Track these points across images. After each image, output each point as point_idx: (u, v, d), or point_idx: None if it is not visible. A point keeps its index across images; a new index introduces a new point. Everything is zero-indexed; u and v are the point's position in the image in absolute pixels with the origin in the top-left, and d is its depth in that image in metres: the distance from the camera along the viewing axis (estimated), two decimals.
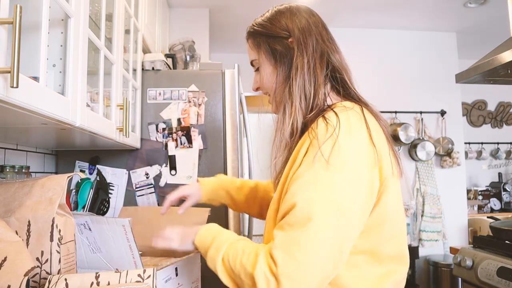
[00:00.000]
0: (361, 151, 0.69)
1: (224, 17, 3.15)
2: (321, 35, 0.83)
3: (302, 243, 0.64)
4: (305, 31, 0.82)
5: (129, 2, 1.55)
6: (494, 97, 4.32)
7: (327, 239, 0.65)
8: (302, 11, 0.86)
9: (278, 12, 0.86)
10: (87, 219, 0.85)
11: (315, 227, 0.64)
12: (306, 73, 0.78)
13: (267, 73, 0.85)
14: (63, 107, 0.80)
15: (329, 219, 0.65)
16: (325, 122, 0.70)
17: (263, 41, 0.85)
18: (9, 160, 1.25)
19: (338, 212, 0.66)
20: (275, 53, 0.83)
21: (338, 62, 0.83)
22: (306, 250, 0.64)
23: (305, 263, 0.63)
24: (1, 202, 0.77)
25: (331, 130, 0.68)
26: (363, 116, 0.73)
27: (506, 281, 1.51)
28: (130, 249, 0.83)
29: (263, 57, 0.85)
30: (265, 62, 0.85)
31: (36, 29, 0.73)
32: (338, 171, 0.67)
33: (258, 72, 0.88)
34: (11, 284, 0.62)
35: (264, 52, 0.84)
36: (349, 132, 0.69)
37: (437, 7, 3.03)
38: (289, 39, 0.82)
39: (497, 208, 3.93)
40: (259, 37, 0.86)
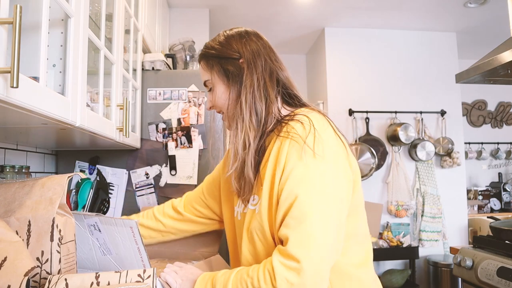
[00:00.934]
0: (336, 144, 0.79)
1: (224, 17, 3.15)
2: (269, 56, 0.90)
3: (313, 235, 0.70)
4: (254, 52, 0.88)
5: (129, 2, 1.55)
6: (494, 97, 4.32)
7: (331, 227, 0.72)
8: (252, 34, 0.92)
9: (229, 36, 0.91)
10: (96, 219, 0.83)
11: (320, 217, 0.71)
12: (256, 91, 0.85)
13: (220, 92, 0.89)
14: (63, 107, 0.80)
15: (328, 207, 0.73)
16: (300, 122, 0.78)
17: (215, 63, 0.89)
18: (9, 160, 1.25)
19: (335, 199, 0.74)
20: (227, 73, 0.88)
21: (286, 79, 0.91)
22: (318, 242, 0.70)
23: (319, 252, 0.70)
24: (1, 202, 0.77)
25: (308, 127, 0.76)
26: (324, 117, 0.83)
27: (506, 281, 1.51)
28: (139, 251, 0.81)
29: (216, 77, 0.89)
30: (218, 82, 0.89)
31: (36, 29, 0.73)
32: (325, 160, 0.75)
33: (211, 92, 0.93)
34: (11, 284, 0.62)
35: (216, 73, 0.89)
36: (323, 128, 0.79)
37: (437, 7, 3.03)
38: (240, 60, 0.88)
39: (497, 208, 3.93)
40: (211, 59, 0.90)
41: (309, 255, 0.69)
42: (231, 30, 0.93)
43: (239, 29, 0.93)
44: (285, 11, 3.05)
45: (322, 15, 3.13)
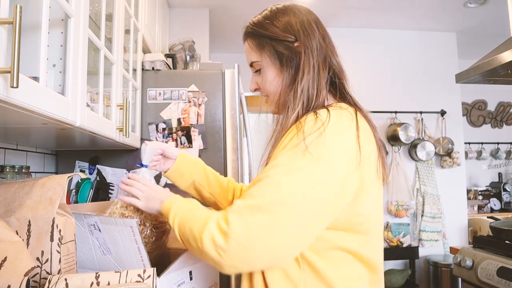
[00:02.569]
0: (344, 149, 0.70)
1: (224, 17, 3.15)
2: (323, 38, 0.83)
3: (257, 211, 0.65)
4: (310, 34, 0.81)
5: (129, 2, 1.55)
6: (494, 97, 4.32)
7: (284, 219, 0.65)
8: (304, 11, 0.85)
9: (280, 13, 0.84)
10: (96, 219, 0.83)
11: (275, 202, 0.65)
12: (311, 77, 0.79)
13: (271, 76, 0.83)
14: (63, 107, 0.80)
15: (291, 198, 0.65)
16: (315, 116, 0.72)
17: (266, 44, 0.83)
18: (9, 160, 1.25)
19: (302, 196, 0.66)
20: (280, 56, 0.81)
21: (338, 66, 0.84)
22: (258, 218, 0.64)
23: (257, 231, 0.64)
24: (1, 202, 0.77)
25: (319, 124, 0.70)
26: (355, 118, 0.75)
27: (506, 281, 1.51)
28: (139, 251, 0.81)
29: (267, 60, 0.83)
30: (269, 65, 0.83)
31: (36, 29, 0.73)
32: (315, 161, 0.67)
33: (258, 73, 0.87)
34: (11, 284, 0.62)
35: (268, 55, 0.83)
36: (337, 128, 0.71)
37: (437, 7, 3.03)
38: (294, 43, 0.81)
39: (497, 208, 3.93)
40: (261, 39, 0.83)
41: (246, 225, 0.64)
42: (280, 5, 0.86)
43: (290, 5, 0.85)
44: None
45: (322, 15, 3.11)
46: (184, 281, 0.87)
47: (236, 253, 0.64)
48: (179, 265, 0.85)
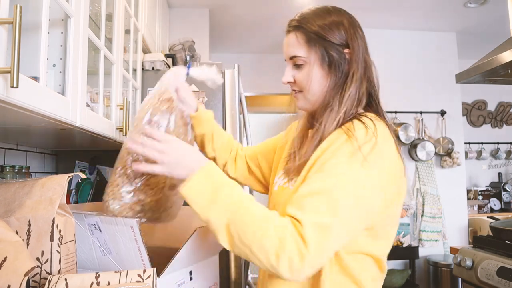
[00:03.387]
0: (394, 158, 0.77)
1: (224, 17, 3.15)
2: (366, 49, 0.88)
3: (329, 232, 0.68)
4: (359, 44, 0.85)
5: (129, 2, 1.55)
6: (494, 97, 4.32)
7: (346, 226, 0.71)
8: (353, 18, 0.89)
9: (335, 15, 0.86)
10: (97, 219, 0.83)
11: (341, 213, 0.69)
12: (357, 85, 0.82)
13: (317, 76, 0.84)
14: (63, 107, 0.80)
15: (351, 208, 0.70)
16: (364, 126, 0.75)
17: (319, 44, 0.83)
18: (9, 160, 1.25)
19: (359, 204, 0.71)
20: (331, 59, 0.83)
21: (375, 76, 0.88)
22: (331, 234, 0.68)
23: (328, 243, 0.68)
24: (1, 202, 0.77)
25: (371, 134, 0.74)
26: (389, 130, 0.80)
27: (506, 281, 1.51)
28: (139, 251, 0.81)
29: (315, 59, 0.84)
30: (316, 65, 0.84)
31: (36, 29, 0.73)
32: (375, 171, 0.73)
33: (297, 68, 0.86)
34: (11, 284, 0.62)
35: (317, 55, 0.83)
36: (385, 138, 0.76)
37: (437, 7, 3.03)
38: (345, 50, 0.84)
39: (497, 208, 3.93)
40: (313, 38, 0.84)
41: (321, 248, 0.67)
42: (333, 7, 0.88)
43: (342, 10, 0.89)
44: (285, 11, 3.04)
45: None
46: (184, 281, 0.87)
47: (306, 272, 0.68)
48: (179, 265, 0.85)
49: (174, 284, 0.83)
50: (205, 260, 0.95)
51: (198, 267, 0.92)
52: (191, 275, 0.89)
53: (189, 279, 0.89)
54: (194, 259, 0.90)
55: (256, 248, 0.66)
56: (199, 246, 0.88)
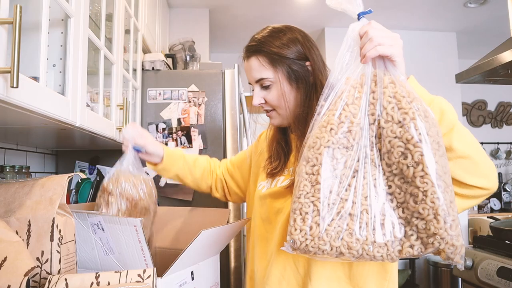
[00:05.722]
0: None
1: (224, 17, 3.15)
2: (320, 54, 0.91)
3: None
4: (316, 54, 0.89)
5: (129, 2, 1.55)
6: (494, 97, 4.32)
7: None
8: (303, 32, 0.92)
9: (288, 33, 0.90)
10: (100, 218, 0.82)
11: None
12: (319, 92, 0.85)
13: (286, 93, 0.88)
14: (63, 107, 0.80)
15: None
16: None
17: (282, 63, 0.87)
18: (9, 160, 1.25)
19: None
20: (296, 75, 0.87)
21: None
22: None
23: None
24: (1, 202, 0.77)
25: None
26: None
27: (506, 281, 1.51)
28: (142, 251, 0.81)
29: (282, 78, 0.88)
30: (284, 82, 0.88)
31: (36, 29, 0.73)
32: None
33: (266, 89, 0.90)
34: (11, 284, 0.62)
35: (283, 74, 0.87)
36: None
37: (437, 7, 3.03)
38: (306, 63, 0.88)
39: (497, 208, 3.93)
40: (276, 58, 0.87)
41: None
42: (281, 26, 0.92)
43: (292, 26, 0.92)
44: (285, 11, 3.05)
45: (322, 15, 3.13)
46: (185, 281, 0.87)
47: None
48: (181, 265, 0.85)
49: (176, 285, 0.82)
50: (206, 260, 0.95)
51: (200, 267, 0.92)
52: (193, 275, 0.89)
53: (191, 279, 0.89)
54: (196, 259, 0.90)
55: (487, 164, 0.71)
56: (202, 247, 0.88)
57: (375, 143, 0.64)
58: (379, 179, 0.63)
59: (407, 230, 0.61)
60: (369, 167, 0.63)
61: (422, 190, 0.59)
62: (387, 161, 0.63)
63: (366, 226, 0.61)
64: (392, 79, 0.66)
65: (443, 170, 0.61)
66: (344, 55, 0.72)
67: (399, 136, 0.61)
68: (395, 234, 0.61)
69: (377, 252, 0.60)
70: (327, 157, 0.63)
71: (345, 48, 0.72)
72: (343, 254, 0.61)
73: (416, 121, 0.60)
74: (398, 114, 0.62)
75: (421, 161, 0.59)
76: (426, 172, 0.59)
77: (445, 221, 0.58)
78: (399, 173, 0.62)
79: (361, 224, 0.61)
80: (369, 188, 0.62)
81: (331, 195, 0.62)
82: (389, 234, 0.61)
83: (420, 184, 0.59)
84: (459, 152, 0.69)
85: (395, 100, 0.63)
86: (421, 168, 0.59)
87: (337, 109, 0.65)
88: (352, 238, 0.61)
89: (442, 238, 0.58)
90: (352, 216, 0.61)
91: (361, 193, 0.62)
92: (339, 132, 0.64)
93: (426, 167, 0.59)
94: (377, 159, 0.63)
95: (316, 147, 0.65)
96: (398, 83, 0.65)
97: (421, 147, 0.59)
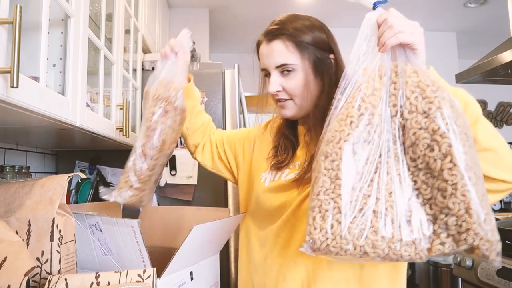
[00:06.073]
0: None
1: (224, 17, 3.15)
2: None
3: None
4: (337, 46, 0.88)
5: (129, 2, 1.55)
6: (494, 97, 4.32)
7: None
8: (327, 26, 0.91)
9: (315, 21, 0.89)
10: (98, 219, 0.83)
11: None
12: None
13: (310, 82, 0.84)
14: (63, 107, 0.80)
15: None
16: None
17: (310, 51, 0.84)
18: (9, 160, 1.25)
19: None
20: (322, 65, 0.84)
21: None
22: None
23: None
24: (1, 202, 0.77)
25: None
26: None
27: (506, 281, 1.51)
28: (140, 252, 0.80)
29: (308, 65, 0.84)
30: (308, 71, 0.84)
31: (36, 29, 0.73)
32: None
33: (286, 76, 0.85)
34: (11, 284, 0.62)
35: (310, 62, 0.84)
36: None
37: (437, 7, 3.03)
38: (330, 55, 0.86)
39: (497, 208, 3.93)
40: (304, 45, 0.84)
41: None
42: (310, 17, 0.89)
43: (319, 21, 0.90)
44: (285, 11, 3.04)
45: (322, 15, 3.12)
46: (185, 281, 0.86)
47: None
48: (180, 265, 0.85)
49: (175, 285, 0.82)
50: (206, 259, 0.94)
51: (199, 267, 0.92)
52: (192, 275, 0.89)
53: (190, 279, 0.88)
54: (194, 259, 0.90)
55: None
56: (199, 245, 0.88)
57: (398, 136, 0.60)
58: (404, 174, 0.59)
59: (435, 228, 0.57)
60: (393, 162, 0.60)
61: (451, 183, 0.55)
62: (411, 155, 0.59)
63: (391, 223, 0.57)
64: (415, 68, 0.63)
65: (473, 162, 0.57)
66: (361, 46, 0.68)
67: (424, 127, 0.57)
68: (423, 231, 0.57)
69: (405, 251, 0.56)
70: (347, 151, 0.60)
71: (362, 38, 0.69)
72: (368, 254, 0.57)
73: (442, 110, 0.57)
74: (422, 104, 0.58)
75: (449, 153, 0.55)
76: (455, 164, 0.55)
77: (478, 215, 0.54)
78: (425, 167, 0.58)
79: (386, 221, 0.57)
80: (393, 184, 0.59)
81: (353, 191, 0.58)
82: (416, 232, 0.57)
83: (449, 177, 0.55)
84: (483, 145, 0.67)
85: (419, 89, 0.60)
86: (449, 159, 0.55)
87: (356, 101, 0.62)
88: (377, 236, 0.56)
89: (476, 233, 0.54)
90: (376, 213, 0.57)
91: (385, 189, 0.58)
92: (360, 125, 0.61)
93: (454, 159, 0.55)
94: (400, 154, 0.60)
95: (335, 141, 0.61)
96: (421, 72, 0.62)
97: (448, 137, 0.56)
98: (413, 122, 0.59)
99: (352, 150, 0.60)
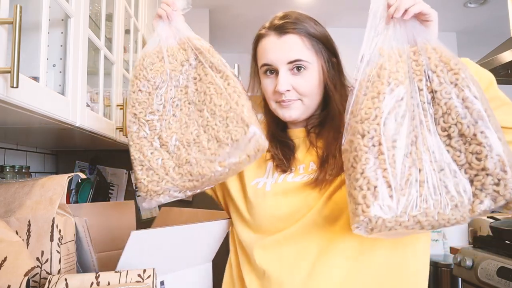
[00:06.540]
0: None
1: (224, 17, 3.15)
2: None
3: None
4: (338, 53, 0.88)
5: (129, 2, 1.55)
6: None
7: None
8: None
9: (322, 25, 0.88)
10: None
11: None
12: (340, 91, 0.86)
13: (321, 82, 0.83)
14: (63, 107, 0.80)
15: None
16: None
17: (323, 50, 0.84)
18: (9, 160, 1.25)
19: None
20: (331, 66, 0.85)
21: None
22: None
23: None
24: (1, 202, 0.77)
25: None
26: None
27: (506, 281, 1.51)
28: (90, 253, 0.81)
29: (321, 65, 0.83)
30: (321, 71, 0.83)
31: (36, 29, 0.73)
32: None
33: (296, 73, 0.81)
34: (11, 284, 0.62)
35: (323, 61, 0.83)
36: None
37: (437, 7, 3.01)
38: (333, 58, 0.86)
39: None
40: (319, 43, 0.83)
41: None
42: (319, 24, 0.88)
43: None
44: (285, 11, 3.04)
45: (322, 15, 3.12)
46: None
47: None
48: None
49: None
50: (190, 268, 0.87)
51: (177, 276, 0.84)
52: (163, 286, 0.81)
53: None
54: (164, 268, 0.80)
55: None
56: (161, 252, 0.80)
57: (428, 109, 0.65)
58: (438, 143, 0.63)
59: (473, 190, 0.62)
60: (426, 133, 0.63)
61: (485, 145, 0.60)
62: (442, 124, 0.63)
63: (436, 189, 0.61)
64: (433, 45, 0.67)
65: (497, 125, 0.62)
66: (372, 24, 0.71)
67: (454, 96, 0.62)
68: (463, 194, 0.62)
69: (452, 215, 0.61)
70: (386, 126, 0.62)
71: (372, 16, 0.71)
72: (421, 223, 0.60)
73: (467, 80, 0.62)
74: (449, 75, 0.63)
75: (481, 117, 0.60)
76: (487, 126, 0.60)
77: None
78: (457, 135, 0.62)
79: (430, 189, 0.61)
80: (430, 153, 0.63)
81: (396, 164, 0.61)
82: (457, 195, 0.61)
83: (483, 139, 0.60)
84: (504, 99, 0.73)
85: (442, 63, 0.64)
86: (481, 123, 0.60)
87: (384, 77, 0.65)
88: (428, 203, 0.60)
89: None
90: (421, 182, 0.61)
91: (424, 159, 0.62)
92: (393, 100, 0.63)
93: (486, 122, 0.60)
94: (431, 125, 0.64)
95: (371, 118, 0.63)
96: (439, 48, 0.66)
97: (478, 103, 0.61)
98: (444, 92, 0.63)
99: (390, 125, 0.63)
